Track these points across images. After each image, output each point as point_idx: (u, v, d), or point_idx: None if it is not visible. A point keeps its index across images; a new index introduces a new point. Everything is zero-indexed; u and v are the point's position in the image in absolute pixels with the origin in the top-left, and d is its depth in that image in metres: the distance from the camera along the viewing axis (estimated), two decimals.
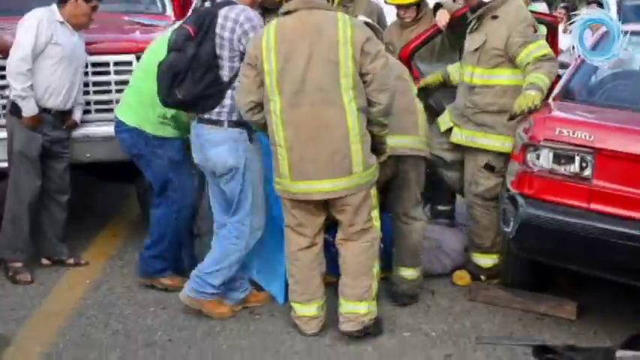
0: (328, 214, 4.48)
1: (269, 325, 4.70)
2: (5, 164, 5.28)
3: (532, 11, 5.35)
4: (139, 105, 4.89)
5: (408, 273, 5.00)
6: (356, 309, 4.45)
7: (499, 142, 5.06)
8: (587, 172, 4.32)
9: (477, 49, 5.07)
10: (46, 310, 4.88)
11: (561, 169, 4.39)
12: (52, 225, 5.47)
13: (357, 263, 4.44)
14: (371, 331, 4.51)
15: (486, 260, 5.29)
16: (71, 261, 5.51)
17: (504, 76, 5.04)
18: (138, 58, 5.26)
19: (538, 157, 4.45)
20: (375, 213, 4.46)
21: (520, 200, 4.46)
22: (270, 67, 4.22)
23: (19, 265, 5.28)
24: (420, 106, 4.98)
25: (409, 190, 4.93)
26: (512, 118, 4.84)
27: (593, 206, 4.30)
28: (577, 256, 4.38)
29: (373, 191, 4.44)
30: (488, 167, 5.12)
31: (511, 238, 4.54)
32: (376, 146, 4.45)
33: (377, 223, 4.48)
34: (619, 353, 4.27)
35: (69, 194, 5.49)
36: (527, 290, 5.04)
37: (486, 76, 5.07)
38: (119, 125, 5.00)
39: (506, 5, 5.08)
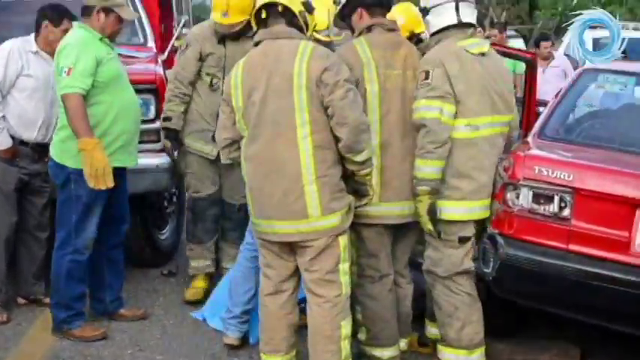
0: None
1: None
2: None
3: (510, 47, 5.31)
4: (60, 140, 4.85)
5: (401, 344, 4.57)
6: None
7: None
8: (567, 212, 4.29)
9: None
10: (22, 351, 4.81)
11: (541, 208, 4.35)
12: (29, 262, 5.38)
13: (318, 326, 4.08)
14: None
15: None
16: (47, 300, 5.37)
17: None
18: None
19: (517, 197, 4.41)
20: (344, 266, 4.07)
21: (499, 240, 4.42)
22: (237, 104, 4.09)
23: None
24: None
25: (407, 248, 4.57)
26: None
27: (572, 247, 4.27)
28: (556, 298, 4.35)
29: (343, 242, 4.06)
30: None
31: (490, 279, 4.50)
32: (357, 188, 4.13)
33: (344, 278, 4.08)
34: None
35: (49, 231, 5.38)
36: (510, 335, 4.93)
37: None
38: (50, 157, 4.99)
39: None
